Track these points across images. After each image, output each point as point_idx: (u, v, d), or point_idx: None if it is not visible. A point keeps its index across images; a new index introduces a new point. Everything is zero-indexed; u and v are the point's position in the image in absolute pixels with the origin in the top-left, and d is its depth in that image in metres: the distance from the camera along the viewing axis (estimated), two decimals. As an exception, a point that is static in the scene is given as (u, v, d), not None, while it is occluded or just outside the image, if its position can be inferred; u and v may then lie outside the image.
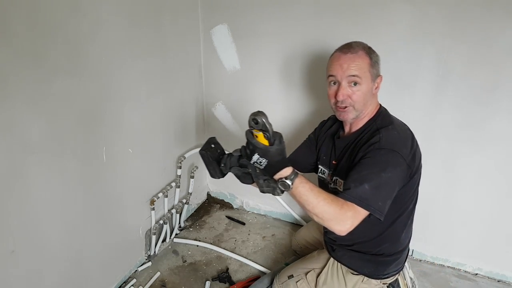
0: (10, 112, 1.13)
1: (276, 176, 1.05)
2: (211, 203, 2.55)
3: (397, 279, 1.45)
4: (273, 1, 1.85)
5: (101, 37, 1.41)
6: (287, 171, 1.05)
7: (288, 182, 1.03)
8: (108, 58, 1.46)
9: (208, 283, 1.82)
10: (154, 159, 1.88)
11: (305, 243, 1.82)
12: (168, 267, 1.94)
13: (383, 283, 1.40)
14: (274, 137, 1.02)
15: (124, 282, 1.81)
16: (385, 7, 1.65)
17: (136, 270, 1.90)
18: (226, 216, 2.40)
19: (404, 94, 1.76)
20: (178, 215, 2.14)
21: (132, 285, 1.80)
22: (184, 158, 2.04)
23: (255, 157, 1.02)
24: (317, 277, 1.45)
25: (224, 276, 1.85)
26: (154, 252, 1.97)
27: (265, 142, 1.01)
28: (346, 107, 1.25)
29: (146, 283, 1.81)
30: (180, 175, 2.05)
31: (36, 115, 1.21)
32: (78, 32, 1.31)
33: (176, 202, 2.12)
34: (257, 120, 0.99)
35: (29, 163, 1.22)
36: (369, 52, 1.25)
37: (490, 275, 1.92)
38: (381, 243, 1.34)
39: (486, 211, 1.81)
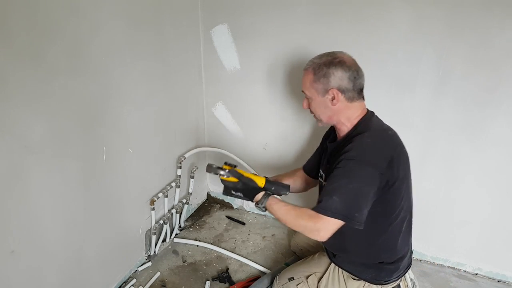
0: (10, 112, 1.13)
1: (254, 200, 1.35)
2: (211, 203, 2.55)
3: (398, 284, 1.45)
4: (273, 1, 1.85)
5: (101, 37, 1.41)
6: (259, 196, 1.34)
7: (260, 205, 1.32)
8: (108, 58, 1.46)
9: (208, 283, 1.82)
10: (154, 159, 1.88)
11: (306, 246, 1.81)
12: (168, 267, 1.94)
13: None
14: (236, 175, 1.35)
15: (124, 282, 1.81)
16: (384, 7, 1.65)
17: (136, 270, 1.90)
18: (226, 216, 2.40)
19: (404, 94, 1.76)
20: (178, 215, 2.14)
21: (132, 285, 1.80)
22: (184, 158, 2.04)
23: (233, 192, 1.37)
24: (318, 281, 1.45)
25: (224, 276, 1.85)
26: (154, 252, 1.97)
27: (234, 179, 1.35)
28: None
29: (146, 283, 1.81)
30: (180, 175, 2.05)
31: (36, 115, 1.21)
32: (78, 32, 1.31)
33: (176, 202, 2.12)
34: (226, 170, 1.34)
35: (29, 163, 1.22)
36: (317, 67, 1.28)
37: (490, 275, 1.93)
38: (379, 253, 1.36)
39: (486, 211, 1.81)
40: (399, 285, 1.44)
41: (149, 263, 1.94)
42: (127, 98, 1.60)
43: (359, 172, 1.17)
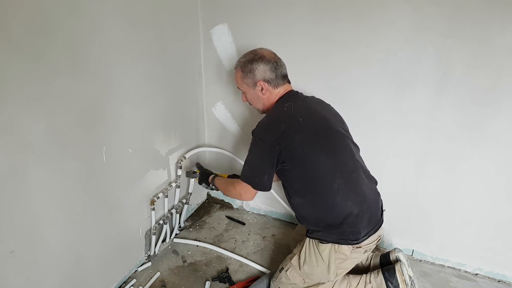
0: (10, 112, 1.13)
1: (209, 181, 1.86)
2: (211, 203, 2.55)
3: (395, 276, 1.53)
4: (273, 1, 1.85)
5: (101, 37, 1.40)
6: (210, 178, 1.85)
7: (211, 183, 1.82)
8: (108, 58, 1.45)
9: (208, 283, 1.82)
10: (154, 159, 1.88)
11: (300, 237, 1.82)
12: (168, 267, 1.94)
13: (357, 247, 1.48)
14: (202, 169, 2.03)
15: (124, 282, 1.81)
16: (385, 7, 1.65)
17: (136, 270, 1.90)
18: (226, 216, 2.40)
19: (404, 94, 1.75)
20: (178, 215, 2.14)
21: (132, 285, 1.80)
22: (184, 158, 2.04)
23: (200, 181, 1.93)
24: (299, 258, 1.57)
25: (224, 276, 1.85)
26: (154, 252, 1.97)
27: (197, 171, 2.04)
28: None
29: (146, 283, 1.81)
30: (180, 175, 2.05)
31: (36, 115, 1.21)
32: (78, 32, 1.31)
33: (176, 202, 2.12)
34: (196, 168, 2.07)
35: (29, 163, 1.22)
36: (243, 65, 1.53)
37: (490, 275, 1.93)
38: (322, 214, 1.49)
39: (486, 211, 1.81)
40: (395, 276, 1.54)
41: (149, 263, 1.94)
42: (127, 98, 1.60)
43: (254, 146, 1.47)
